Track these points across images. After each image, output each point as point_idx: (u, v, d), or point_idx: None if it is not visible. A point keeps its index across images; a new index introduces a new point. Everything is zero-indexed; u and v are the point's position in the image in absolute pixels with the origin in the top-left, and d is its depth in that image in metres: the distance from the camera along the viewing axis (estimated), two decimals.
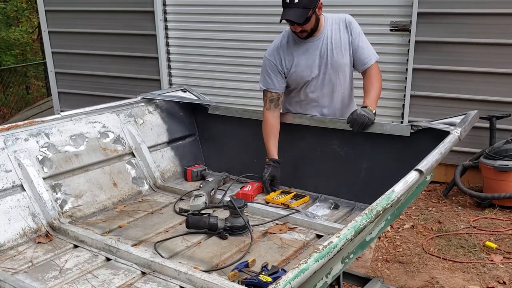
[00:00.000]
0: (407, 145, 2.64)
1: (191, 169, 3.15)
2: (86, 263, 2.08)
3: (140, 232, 2.39)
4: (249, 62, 5.40)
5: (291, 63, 2.88)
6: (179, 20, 5.66)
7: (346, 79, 2.93)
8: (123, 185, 2.84)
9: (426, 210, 4.28)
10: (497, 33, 4.34)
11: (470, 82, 4.54)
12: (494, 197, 4.16)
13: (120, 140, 2.95)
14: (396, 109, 4.88)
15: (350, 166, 2.83)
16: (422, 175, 1.92)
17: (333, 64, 2.86)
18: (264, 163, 2.91)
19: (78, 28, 6.13)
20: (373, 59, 2.87)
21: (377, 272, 3.37)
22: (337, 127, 2.82)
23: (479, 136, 4.51)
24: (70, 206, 2.56)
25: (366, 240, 1.99)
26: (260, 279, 1.83)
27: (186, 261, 2.10)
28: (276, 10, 5.11)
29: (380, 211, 1.68)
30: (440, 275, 3.27)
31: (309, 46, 2.86)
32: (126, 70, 6.00)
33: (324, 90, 2.93)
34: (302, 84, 2.93)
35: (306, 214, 2.57)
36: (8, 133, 2.48)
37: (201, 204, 2.58)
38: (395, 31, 4.69)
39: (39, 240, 2.30)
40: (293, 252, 2.17)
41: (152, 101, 3.27)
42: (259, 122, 3.06)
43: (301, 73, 2.88)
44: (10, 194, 2.36)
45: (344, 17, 2.88)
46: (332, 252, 1.47)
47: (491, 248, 3.53)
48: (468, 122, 2.45)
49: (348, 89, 2.99)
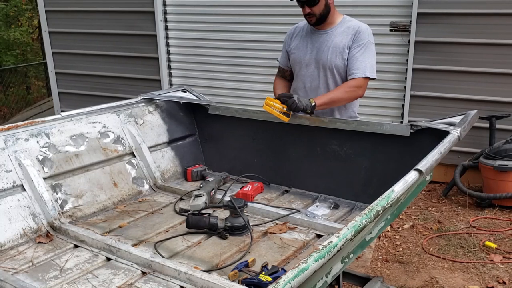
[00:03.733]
0: (407, 145, 2.65)
1: (191, 169, 3.15)
2: (87, 263, 2.09)
3: (140, 232, 2.40)
4: (249, 62, 5.41)
5: (295, 44, 3.04)
6: (179, 20, 5.67)
7: (338, 82, 2.94)
8: (123, 185, 2.85)
9: (426, 210, 4.29)
10: (497, 33, 4.35)
11: (469, 82, 4.55)
12: (493, 197, 4.16)
13: (120, 140, 2.95)
14: (396, 109, 4.88)
15: (350, 166, 2.83)
16: (421, 175, 1.92)
17: (326, 61, 2.91)
18: (264, 163, 2.93)
19: (78, 28, 6.13)
20: (359, 73, 2.84)
21: (377, 272, 3.37)
22: (337, 127, 2.82)
23: (478, 136, 4.51)
24: (71, 206, 2.56)
25: (366, 240, 2.00)
26: (260, 279, 1.83)
27: (186, 261, 2.10)
28: (276, 10, 5.16)
29: (379, 210, 1.68)
30: (440, 275, 3.27)
31: (316, 37, 2.96)
32: (126, 70, 6.01)
33: (313, 83, 2.99)
34: (298, 70, 3.05)
35: (306, 214, 2.58)
36: (8, 133, 2.48)
37: (201, 204, 2.59)
38: (395, 31, 4.69)
39: (40, 240, 2.30)
40: (293, 252, 2.17)
41: (152, 101, 3.27)
42: (259, 122, 3.07)
43: (297, 57, 3.02)
44: (11, 194, 2.36)
45: (358, 26, 2.90)
46: (332, 251, 1.47)
47: (490, 248, 3.54)
48: (468, 122, 2.45)
49: None
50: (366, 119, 3.12)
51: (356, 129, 2.76)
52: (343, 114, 3.00)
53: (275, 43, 5.00)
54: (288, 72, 3.17)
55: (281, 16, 5.10)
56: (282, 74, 3.21)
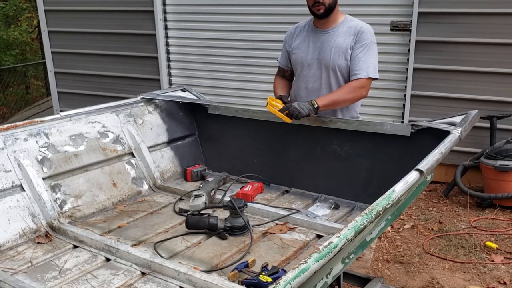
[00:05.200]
0: (408, 145, 2.64)
1: (191, 169, 3.15)
2: (86, 264, 2.08)
3: (140, 232, 2.39)
4: (249, 62, 5.40)
5: (296, 44, 3.01)
6: (179, 20, 5.66)
7: (340, 83, 2.93)
8: (122, 185, 2.84)
9: (427, 210, 4.28)
10: (499, 32, 4.34)
11: (470, 82, 4.54)
12: (494, 197, 4.16)
13: (119, 140, 2.94)
14: (397, 109, 4.88)
15: (350, 166, 2.82)
16: (422, 175, 1.92)
17: (329, 62, 2.89)
18: (264, 163, 2.93)
19: (78, 28, 6.13)
20: (362, 74, 2.83)
21: (377, 272, 3.36)
22: (337, 127, 2.82)
23: (479, 136, 4.50)
24: (70, 206, 2.55)
25: (366, 240, 1.99)
26: (260, 279, 1.83)
27: (186, 261, 2.09)
28: (276, 10, 5.15)
29: (380, 211, 1.67)
30: (441, 275, 3.26)
31: (318, 37, 2.94)
32: (126, 70, 6.00)
33: (315, 83, 2.97)
34: (299, 70, 3.02)
35: (306, 214, 2.57)
36: (7, 133, 2.47)
37: (201, 204, 2.58)
38: (396, 30, 4.69)
39: (39, 240, 2.29)
40: (293, 252, 2.17)
41: (152, 101, 3.26)
42: (259, 122, 3.06)
43: (299, 57, 2.99)
44: (10, 194, 2.36)
45: (361, 26, 2.88)
46: (332, 252, 1.47)
47: (491, 248, 3.53)
48: (469, 122, 2.45)
49: None
50: (367, 119, 3.10)
51: (356, 129, 2.76)
52: (345, 114, 2.99)
53: (275, 42, 4.99)
54: (288, 72, 3.16)
55: (281, 15, 5.09)
56: (282, 74, 3.19)
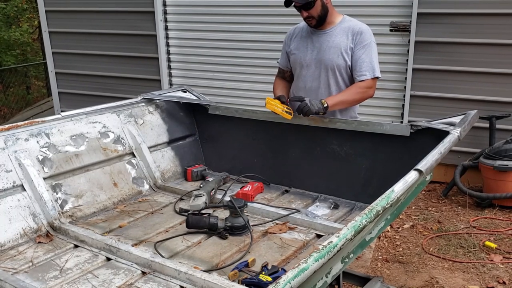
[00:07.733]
0: (407, 145, 2.65)
1: (191, 169, 3.15)
2: (87, 263, 2.09)
3: (140, 232, 2.40)
4: (249, 63, 5.41)
5: (295, 44, 3.03)
6: (179, 20, 5.67)
7: (339, 82, 2.94)
8: (123, 185, 2.85)
9: (426, 210, 4.29)
10: (497, 33, 4.35)
11: (469, 82, 4.55)
12: (493, 197, 4.16)
13: (120, 140, 2.95)
14: (396, 109, 4.88)
15: (350, 166, 2.83)
16: (421, 175, 1.93)
17: (327, 62, 2.90)
18: (264, 163, 2.94)
19: (78, 28, 6.13)
20: (367, 75, 2.87)
21: (377, 272, 3.37)
22: (337, 127, 2.83)
23: (478, 136, 4.51)
24: (71, 206, 2.56)
25: (366, 240, 2.00)
26: (260, 279, 1.83)
27: (186, 261, 2.10)
28: (276, 10, 5.15)
29: (379, 210, 1.68)
30: (440, 275, 3.27)
31: (316, 37, 2.96)
32: (126, 70, 6.00)
33: (314, 83, 2.98)
34: (298, 70, 3.04)
35: (306, 213, 2.58)
36: (8, 133, 2.48)
37: (201, 204, 2.59)
38: (395, 31, 4.69)
39: (40, 240, 2.30)
40: (293, 252, 2.17)
41: (152, 101, 3.27)
42: (259, 122, 3.07)
43: (298, 58, 3.01)
44: (11, 194, 2.36)
45: (359, 26, 2.90)
46: (332, 251, 1.47)
47: (490, 248, 3.54)
48: (468, 122, 2.45)
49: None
50: (366, 119, 3.12)
51: (356, 129, 2.77)
52: (344, 115, 3.00)
53: (275, 43, 5.00)
54: (288, 73, 3.17)
55: (281, 16, 5.09)
56: (282, 75, 3.21)
